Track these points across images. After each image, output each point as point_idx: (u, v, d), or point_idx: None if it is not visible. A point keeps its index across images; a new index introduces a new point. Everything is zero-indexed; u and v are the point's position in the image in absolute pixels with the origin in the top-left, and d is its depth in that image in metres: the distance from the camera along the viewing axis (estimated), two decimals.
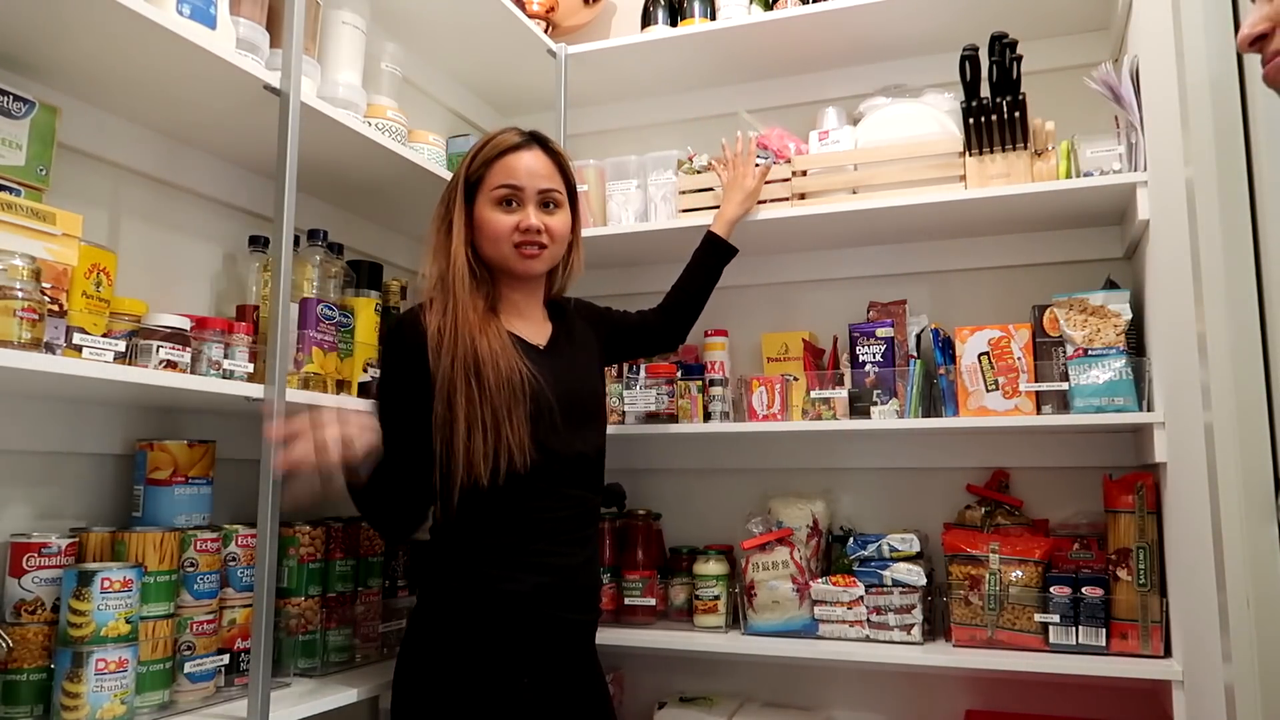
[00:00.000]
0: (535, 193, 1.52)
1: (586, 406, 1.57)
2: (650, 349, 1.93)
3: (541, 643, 1.45)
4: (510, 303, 1.57)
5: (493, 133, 1.56)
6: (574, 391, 1.54)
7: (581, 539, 1.52)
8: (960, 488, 2.07)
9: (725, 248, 1.91)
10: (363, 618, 1.70)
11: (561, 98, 2.30)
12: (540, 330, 1.59)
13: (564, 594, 1.47)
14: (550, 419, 1.47)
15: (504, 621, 1.42)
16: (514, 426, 1.42)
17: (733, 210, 1.95)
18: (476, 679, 1.40)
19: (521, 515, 1.45)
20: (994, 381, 1.84)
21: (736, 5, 2.20)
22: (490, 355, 1.43)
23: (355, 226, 2.00)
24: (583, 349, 1.64)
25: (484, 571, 1.42)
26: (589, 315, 1.74)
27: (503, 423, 1.41)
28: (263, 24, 1.50)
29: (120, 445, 1.50)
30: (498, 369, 1.43)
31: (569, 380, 1.54)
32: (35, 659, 1.22)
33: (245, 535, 1.47)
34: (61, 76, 1.38)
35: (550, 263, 1.57)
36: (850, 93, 2.23)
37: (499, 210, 1.51)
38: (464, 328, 1.44)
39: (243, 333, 1.47)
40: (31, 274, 1.12)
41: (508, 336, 1.49)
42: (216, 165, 1.69)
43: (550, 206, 1.54)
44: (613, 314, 1.81)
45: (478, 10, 2.06)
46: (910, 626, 1.85)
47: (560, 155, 1.58)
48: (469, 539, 1.44)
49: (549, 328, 1.61)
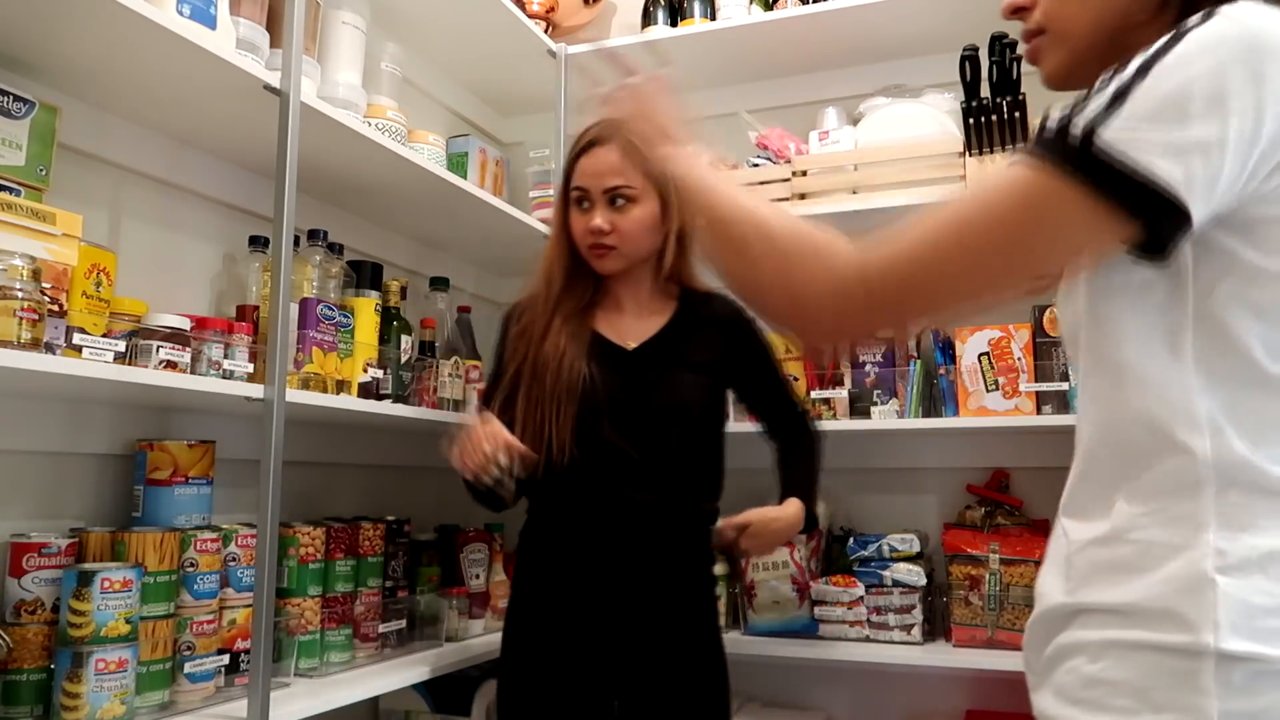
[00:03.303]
0: (601, 192, 1.53)
1: (663, 411, 1.52)
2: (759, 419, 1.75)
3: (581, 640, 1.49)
4: (613, 297, 1.61)
5: (584, 129, 1.59)
6: (647, 396, 1.52)
7: (633, 545, 1.50)
8: (960, 488, 2.07)
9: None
10: (363, 618, 1.69)
11: (561, 98, 2.29)
12: (643, 326, 1.58)
13: (605, 593, 1.49)
14: (598, 420, 1.49)
15: (546, 614, 1.52)
16: (559, 424, 1.48)
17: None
18: (521, 665, 1.52)
19: (562, 510, 1.55)
20: (994, 382, 1.84)
21: (736, 5, 2.20)
22: (553, 356, 1.51)
23: (355, 226, 2.00)
24: (693, 353, 1.57)
25: (536, 561, 1.56)
26: (735, 329, 1.62)
27: (548, 420, 1.49)
28: (263, 24, 1.50)
29: (120, 445, 1.50)
30: (557, 370, 1.50)
31: (647, 384, 1.53)
32: (35, 659, 1.22)
33: (245, 535, 1.46)
34: (61, 76, 1.38)
35: (626, 260, 1.56)
36: (850, 93, 2.23)
37: (576, 211, 1.56)
38: (537, 328, 1.55)
39: (243, 333, 1.47)
40: (31, 274, 1.12)
41: (585, 336, 1.54)
42: (216, 165, 1.69)
43: (620, 203, 1.52)
44: (760, 354, 1.65)
45: (478, 10, 2.06)
46: (910, 626, 1.85)
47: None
48: (529, 522, 1.59)
49: (658, 324, 1.58)
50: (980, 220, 0.69)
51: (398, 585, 1.82)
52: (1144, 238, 0.65)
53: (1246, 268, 0.66)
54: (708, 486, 1.59)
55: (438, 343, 1.96)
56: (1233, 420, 0.66)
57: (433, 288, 2.04)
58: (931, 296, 0.72)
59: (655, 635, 1.50)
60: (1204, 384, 0.67)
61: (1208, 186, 0.63)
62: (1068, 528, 0.76)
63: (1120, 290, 0.71)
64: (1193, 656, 0.64)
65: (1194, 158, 0.62)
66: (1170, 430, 0.68)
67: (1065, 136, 0.65)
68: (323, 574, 1.65)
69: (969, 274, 0.70)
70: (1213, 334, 0.67)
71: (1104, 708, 0.67)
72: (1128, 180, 0.63)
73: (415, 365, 1.80)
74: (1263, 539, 0.65)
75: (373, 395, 1.63)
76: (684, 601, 1.54)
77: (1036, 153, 0.67)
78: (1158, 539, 0.68)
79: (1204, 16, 0.65)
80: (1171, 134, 0.62)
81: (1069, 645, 0.72)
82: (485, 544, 2.02)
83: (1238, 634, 0.63)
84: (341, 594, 1.67)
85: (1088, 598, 0.71)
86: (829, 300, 0.77)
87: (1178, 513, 0.67)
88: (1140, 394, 0.69)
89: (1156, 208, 0.63)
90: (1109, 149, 0.63)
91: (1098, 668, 0.69)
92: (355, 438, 1.97)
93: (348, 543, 1.70)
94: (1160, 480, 0.68)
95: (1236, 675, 0.63)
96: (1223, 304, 0.67)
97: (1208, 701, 0.63)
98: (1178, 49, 0.64)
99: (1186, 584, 0.65)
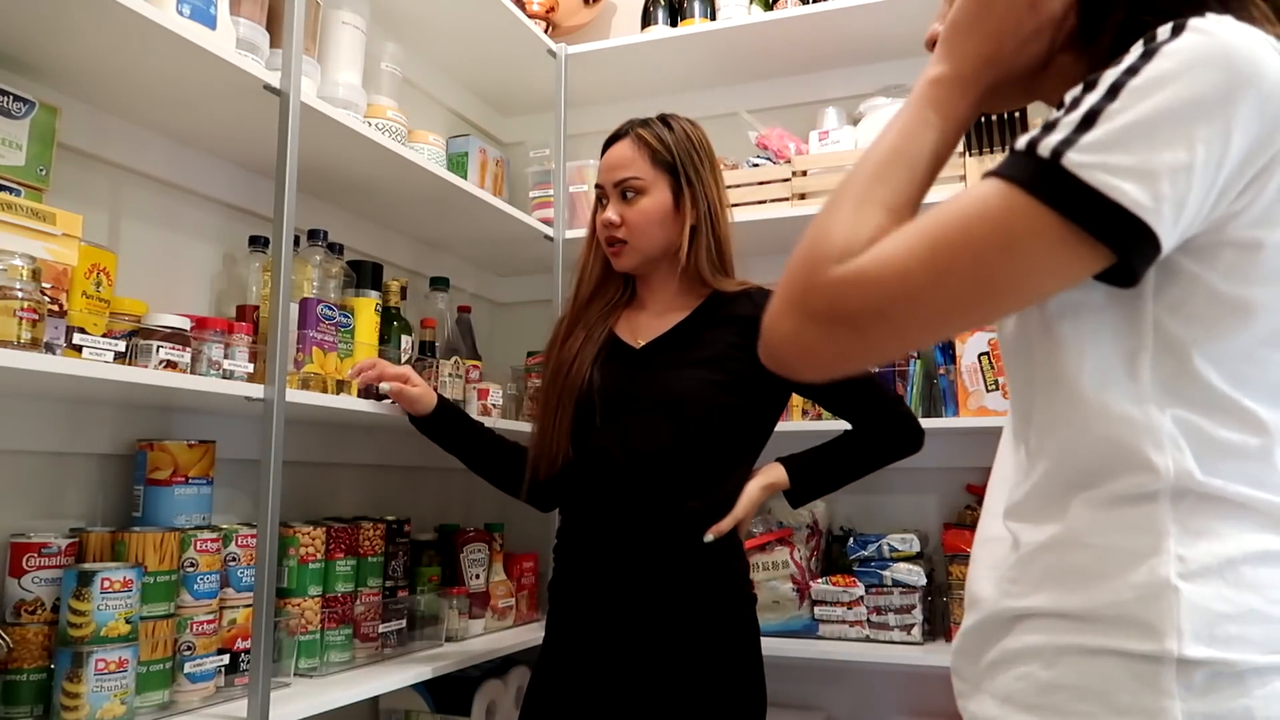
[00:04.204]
0: (613, 186, 1.53)
1: (654, 407, 1.48)
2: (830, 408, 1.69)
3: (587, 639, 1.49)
4: (639, 297, 1.62)
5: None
6: (641, 393, 1.49)
7: (624, 548, 1.47)
8: (960, 488, 2.08)
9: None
10: (363, 618, 1.69)
11: (561, 98, 2.30)
12: (658, 325, 1.56)
13: (604, 596, 1.48)
14: (591, 419, 1.50)
15: (560, 603, 1.55)
16: (558, 426, 1.52)
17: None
18: (544, 664, 1.55)
19: (566, 514, 1.57)
20: (994, 381, 1.84)
21: (736, 5, 2.20)
22: (567, 358, 1.54)
23: (355, 226, 2.00)
24: (699, 350, 1.51)
25: (557, 566, 1.58)
26: (759, 323, 1.55)
27: (549, 423, 1.53)
28: (263, 24, 1.50)
29: (120, 445, 1.50)
30: (566, 372, 1.53)
31: (645, 381, 1.50)
32: (35, 659, 1.22)
33: (245, 535, 1.46)
34: (61, 76, 1.38)
35: (641, 254, 1.53)
36: (850, 93, 2.23)
37: (599, 210, 1.57)
38: (561, 330, 1.60)
39: (243, 333, 1.47)
40: (31, 274, 1.12)
41: (601, 337, 1.55)
42: (216, 165, 1.69)
43: (629, 195, 1.51)
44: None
45: (478, 10, 2.06)
46: (910, 626, 1.85)
47: (650, 139, 1.52)
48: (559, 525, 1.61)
49: (674, 321, 1.55)
50: (950, 237, 0.66)
51: (398, 585, 1.82)
52: (1113, 265, 0.64)
53: (1206, 292, 0.66)
54: (707, 484, 1.49)
55: (438, 343, 1.96)
56: (1190, 440, 0.66)
57: (433, 288, 2.04)
58: (896, 320, 0.68)
59: (658, 641, 1.45)
60: (1162, 405, 0.67)
61: (1175, 211, 0.62)
62: (1016, 531, 0.75)
63: (1079, 308, 0.70)
64: (1155, 661, 0.64)
65: (1162, 182, 0.61)
66: (1131, 450, 0.67)
67: (1033, 158, 0.64)
68: (323, 574, 1.65)
69: (937, 295, 0.67)
70: (1171, 356, 0.67)
71: (1064, 713, 0.67)
72: (1094, 205, 0.62)
73: (415, 365, 1.80)
74: (1219, 545, 0.65)
75: (373, 395, 1.63)
76: (684, 605, 1.45)
77: (1005, 174, 0.65)
78: (1116, 544, 0.67)
79: (1174, 30, 0.64)
80: (1140, 157, 0.61)
81: (1016, 651, 0.71)
82: (485, 544, 2.02)
83: (1199, 641, 0.63)
84: (341, 594, 1.67)
85: (1037, 602, 0.70)
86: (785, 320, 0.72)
87: (1136, 519, 0.67)
88: (1100, 414, 0.69)
89: (1124, 233, 0.62)
90: (1076, 172, 0.62)
91: (1054, 673, 0.68)
92: (355, 438, 1.97)
93: (348, 543, 1.70)
94: (1119, 490, 0.68)
95: (1197, 677, 0.63)
96: (1182, 327, 0.67)
97: (1171, 703, 0.63)
98: (1149, 69, 0.63)
99: (1148, 590, 0.65)
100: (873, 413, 1.57)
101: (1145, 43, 0.65)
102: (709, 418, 1.47)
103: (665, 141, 1.53)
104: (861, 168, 0.75)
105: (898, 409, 1.59)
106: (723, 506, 1.49)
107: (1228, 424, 0.67)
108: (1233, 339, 0.66)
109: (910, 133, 0.75)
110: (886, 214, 0.71)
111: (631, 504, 1.48)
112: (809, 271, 0.70)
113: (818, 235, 0.71)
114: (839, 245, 0.69)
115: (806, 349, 0.71)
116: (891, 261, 0.67)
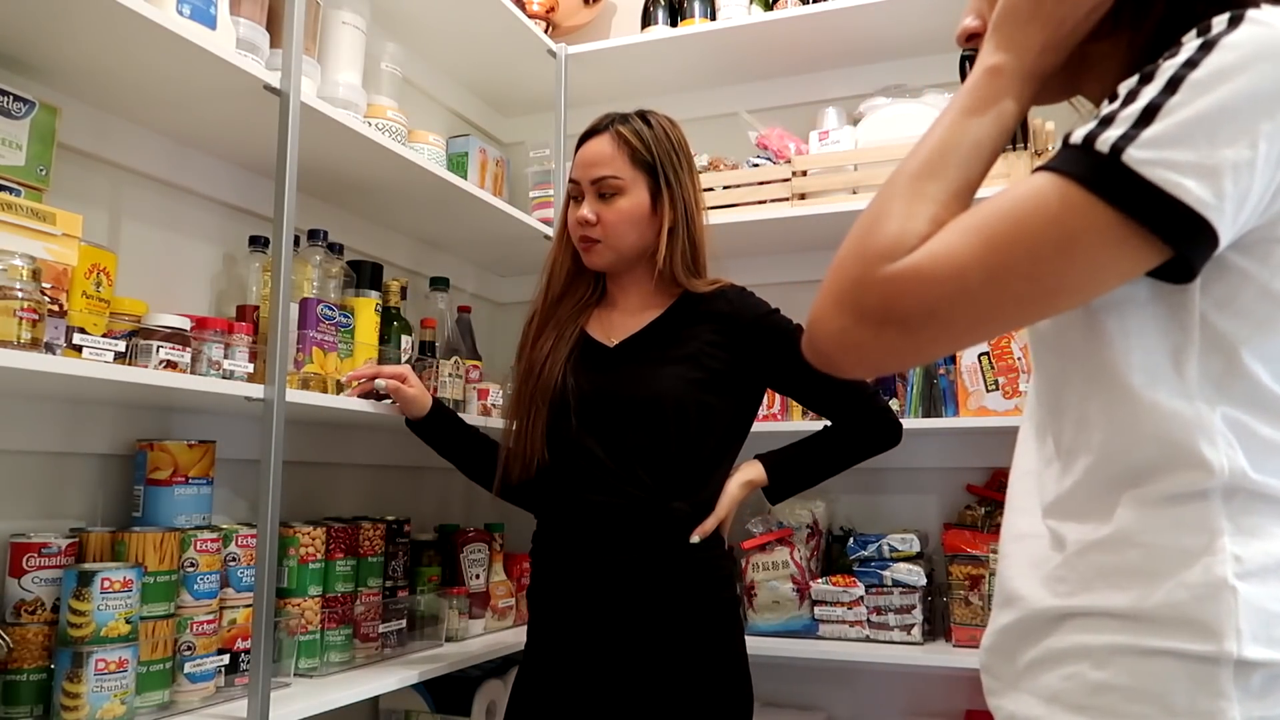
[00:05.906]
0: (589, 183, 1.51)
1: (631, 405, 1.46)
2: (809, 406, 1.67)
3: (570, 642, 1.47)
4: (610, 296, 1.60)
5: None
6: (618, 391, 1.47)
7: (606, 549, 1.45)
8: (960, 488, 2.08)
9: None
10: (363, 618, 1.69)
11: (561, 98, 2.30)
12: (631, 323, 1.54)
13: (585, 598, 1.47)
14: (567, 420, 1.48)
15: (538, 607, 1.55)
16: (533, 427, 1.50)
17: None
18: (526, 673, 1.54)
19: (544, 514, 1.56)
20: (994, 381, 1.84)
21: (736, 5, 2.21)
22: (539, 358, 1.52)
23: (355, 226, 2.00)
24: (676, 348, 1.49)
25: (535, 566, 1.57)
26: (738, 323, 1.51)
27: (525, 424, 1.51)
28: (263, 24, 1.50)
29: (120, 445, 1.50)
30: (539, 372, 1.51)
31: (620, 380, 1.48)
32: (35, 659, 1.22)
33: (245, 535, 1.46)
34: (61, 76, 1.38)
35: (615, 254, 1.51)
36: (850, 93, 2.23)
37: (573, 206, 1.54)
38: (533, 330, 1.58)
39: (243, 333, 1.47)
40: (31, 274, 1.12)
41: (573, 336, 1.53)
42: (216, 165, 1.69)
43: (607, 194, 1.49)
44: (774, 346, 1.51)
45: (478, 10, 2.06)
46: (910, 626, 1.85)
47: (630, 137, 1.49)
48: (535, 527, 1.59)
49: (647, 320, 1.53)
50: (1006, 234, 0.65)
51: (398, 585, 1.82)
52: (1172, 262, 0.63)
53: (1256, 288, 0.65)
54: (687, 484, 1.47)
55: (438, 343, 1.96)
56: (1240, 437, 0.65)
57: (433, 288, 2.04)
58: (948, 319, 0.67)
59: (647, 644, 1.43)
60: (1211, 401, 0.66)
61: (1236, 208, 0.61)
62: (1059, 529, 0.74)
63: (1124, 303, 0.69)
64: (1212, 662, 0.63)
65: (1225, 179, 0.60)
66: (1184, 447, 0.66)
67: (1091, 153, 0.63)
68: (323, 574, 1.65)
69: (992, 293, 0.65)
70: (1219, 353, 0.66)
71: (1116, 714, 0.66)
72: (1156, 202, 0.61)
73: (415, 365, 1.80)
74: (1274, 544, 0.64)
75: (372, 395, 1.63)
76: (668, 607, 1.43)
77: (1061, 169, 0.64)
78: (1169, 543, 0.66)
79: (1231, 21, 0.63)
80: (1202, 154, 0.60)
81: (1063, 650, 0.70)
82: (485, 544, 2.02)
83: (1257, 642, 0.62)
84: (341, 594, 1.67)
85: (1086, 601, 0.69)
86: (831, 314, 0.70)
87: (1189, 518, 0.66)
88: (1149, 410, 0.67)
89: (1185, 230, 0.61)
90: (1137, 169, 0.61)
91: (1105, 674, 0.67)
92: (355, 438, 1.98)
93: (348, 543, 1.70)
94: (1170, 488, 0.67)
95: (1255, 680, 0.62)
96: (1229, 323, 0.66)
97: (1228, 705, 0.62)
98: (1210, 61, 0.62)
99: (1205, 590, 0.64)
100: (850, 408, 1.55)
101: (1200, 33, 0.64)
102: (689, 415, 1.46)
103: (645, 140, 1.50)
104: (913, 160, 0.73)
105: (874, 403, 1.57)
106: (705, 506, 1.49)
107: (1274, 422, 0.66)
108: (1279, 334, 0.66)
109: (965, 125, 0.73)
110: (940, 209, 0.69)
111: (616, 504, 1.45)
112: (861, 268, 0.68)
113: (868, 230, 0.69)
114: (890, 241, 0.68)
115: (854, 347, 0.69)
116: (947, 260, 0.65)
